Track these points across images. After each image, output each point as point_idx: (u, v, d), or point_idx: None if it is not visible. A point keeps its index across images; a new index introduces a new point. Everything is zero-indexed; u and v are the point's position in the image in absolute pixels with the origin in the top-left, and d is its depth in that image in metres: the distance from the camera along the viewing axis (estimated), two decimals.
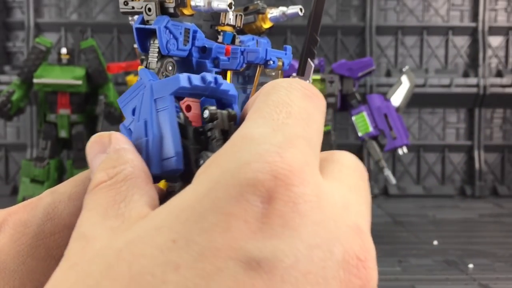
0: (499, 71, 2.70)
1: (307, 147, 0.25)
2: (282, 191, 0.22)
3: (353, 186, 0.27)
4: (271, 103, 0.27)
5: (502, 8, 2.72)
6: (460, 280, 1.33)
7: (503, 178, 2.71)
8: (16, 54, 2.66)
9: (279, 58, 0.55)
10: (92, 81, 1.84)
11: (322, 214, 0.23)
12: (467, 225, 2.00)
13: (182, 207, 0.23)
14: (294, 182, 0.23)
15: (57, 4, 2.66)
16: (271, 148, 0.23)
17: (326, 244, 0.22)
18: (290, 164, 0.23)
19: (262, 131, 0.25)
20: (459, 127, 2.72)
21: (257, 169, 0.22)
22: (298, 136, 0.25)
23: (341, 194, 0.25)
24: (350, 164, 0.28)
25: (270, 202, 0.22)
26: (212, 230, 0.21)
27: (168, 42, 0.51)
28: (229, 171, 0.23)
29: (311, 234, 0.22)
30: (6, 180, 2.59)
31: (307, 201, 0.23)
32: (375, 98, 1.80)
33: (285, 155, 0.23)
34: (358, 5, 2.70)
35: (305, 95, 0.28)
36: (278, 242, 0.21)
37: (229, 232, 0.21)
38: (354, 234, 0.24)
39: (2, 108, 1.76)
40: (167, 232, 0.22)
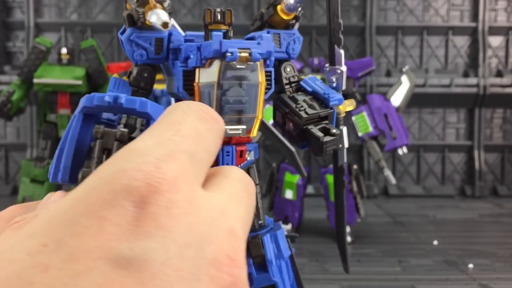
0: (499, 71, 2.70)
1: (187, 161, 0.26)
2: (155, 196, 0.23)
3: (234, 195, 0.28)
4: (164, 121, 0.28)
5: (502, 8, 2.72)
6: (460, 280, 1.33)
7: (503, 178, 2.71)
8: (16, 54, 2.66)
9: (244, 49, 0.53)
10: (92, 81, 1.84)
11: (194, 218, 0.24)
12: (467, 225, 2.00)
13: (56, 213, 0.23)
14: (167, 189, 0.24)
15: (57, 4, 2.66)
16: (149, 159, 0.25)
17: (198, 244, 0.23)
18: (165, 174, 0.24)
19: (145, 144, 0.26)
20: (459, 127, 2.72)
21: (133, 176, 0.23)
22: (180, 151, 0.26)
23: (219, 201, 0.27)
24: (235, 176, 0.30)
25: (143, 206, 0.23)
26: (84, 233, 0.22)
27: (135, 53, 0.54)
28: (105, 178, 0.24)
29: (183, 235, 0.23)
30: (6, 180, 2.59)
31: (179, 206, 0.24)
32: (375, 98, 1.80)
33: (162, 165, 0.24)
34: (358, 5, 2.70)
35: (201, 116, 0.29)
36: (150, 242, 0.22)
37: (101, 235, 0.22)
38: (227, 236, 0.25)
39: (2, 108, 1.76)
40: (38, 237, 0.22)
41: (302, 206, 1.77)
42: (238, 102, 0.54)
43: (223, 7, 2.68)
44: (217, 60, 0.53)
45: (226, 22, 0.56)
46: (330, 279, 1.34)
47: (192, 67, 0.54)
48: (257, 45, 0.54)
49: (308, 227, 1.82)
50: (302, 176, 1.43)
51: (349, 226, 1.70)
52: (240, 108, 0.54)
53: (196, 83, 0.53)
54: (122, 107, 0.41)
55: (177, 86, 0.55)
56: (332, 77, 0.69)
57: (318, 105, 0.62)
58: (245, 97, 0.54)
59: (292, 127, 0.62)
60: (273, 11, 0.62)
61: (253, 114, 0.55)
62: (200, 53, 0.53)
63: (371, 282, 1.32)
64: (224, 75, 0.53)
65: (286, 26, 0.63)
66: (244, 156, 0.59)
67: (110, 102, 0.41)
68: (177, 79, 0.55)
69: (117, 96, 0.41)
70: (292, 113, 0.61)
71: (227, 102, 0.54)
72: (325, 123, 0.61)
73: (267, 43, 0.55)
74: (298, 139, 0.62)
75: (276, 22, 0.62)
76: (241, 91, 0.54)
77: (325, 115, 0.62)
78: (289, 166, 1.75)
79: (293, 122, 0.61)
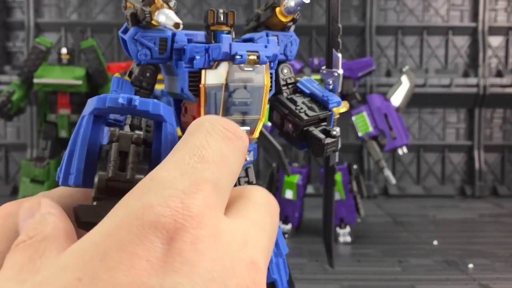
0: (499, 71, 2.71)
1: (212, 191, 0.27)
2: (181, 233, 0.24)
3: (257, 221, 0.29)
4: (188, 146, 0.29)
5: (502, 8, 2.72)
6: (460, 280, 1.33)
7: (503, 178, 2.71)
8: (16, 54, 2.66)
9: (252, 52, 0.54)
10: (92, 81, 1.84)
11: (218, 252, 0.25)
12: (467, 225, 2.00)
13: (87, 246, 0.24)
14: (192, 225, 0.25)
15: (57, 4, 2.66)
16: (175, 193, 0.25)
17: (222, 278, 0.24)
18: (190, 210, 0.25)
19: (170, 174, 0.27)
20: (459, 127, 2.72)
21: (160, 213, 0.24)
22: (204, 181, 0.27)
23: (241, 230, 0.28)
24: (258, 200, 0.31)
25: (171, 243, 0.24)
26: (117, 268, 0.23)
27: (139, 53, 0.54)
28: (133, 213, 0.25)
29: (208, 270, 0.24)
30: (6, 180, 2.59)
31: (204, 242, 0.25)
32: (375, 98, 1.80)
33: (187, 201, 0.25)
34: (358, 5, 2.70)
35: (225, 136, 0.30)
36: (178, 277, 0.23)
37: (132, 270, 0.23)
38: (248, 269, 0.26)
39: (2, 108, 1.76)
40: (72, 271, 0.23)
41: (302, 206, 1.77)
42: (243, 104, 0.55)
43: (223, 7, 2.68)
44: (225, 62, 0.53)
45: (228, 23, 0.56)
46: (330, 279, 1.34)
47: (198, 68, 0.54)
48: (265, 48, 0.55)
49: (308, 227, 1.82)
50: (286, 173, 1.44)
51: (349, 226, 1.70)
52: (245, 110, 0.55)
53: (203, 85, 0.54)
54: (135, 109, 0.40)
55: (181, 87, 0.55)
56: (329, 79, 0.69)
57: (317, 107, 0.62)
58: (249, 99, 0.55)
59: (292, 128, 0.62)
60: (271, 13, 0.62)
61: (257, 115, 0.56)
62: (209, 55, 0.53)
63: (371, 282, 1.32)
64: (231, 77, 0.53)
65: (282, 28, 0.63)
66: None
67: (124, 104, 0.39)
68: (182, 80, 0.55)
69: (131, 98, 0.39)
70: (292, 114, 0.62)
71: (233, 103, 0.54)
72: (324, 124, 0.62)
73: (274, 46, 0.55)
74: (297, 140, 0.62)
75: (273, 24, 0.63)
76: (246, 93, 0.55)
77: (324, 117, 0.62)
78: (289, 166, 1.75)
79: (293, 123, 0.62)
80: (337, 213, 1.69)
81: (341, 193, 1.70)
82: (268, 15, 0.63)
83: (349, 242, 1.68)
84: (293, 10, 0.62)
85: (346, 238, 1.69)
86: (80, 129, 0.40)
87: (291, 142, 0.65)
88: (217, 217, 0.27)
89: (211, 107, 0.54)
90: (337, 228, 1.69)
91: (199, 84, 0.54)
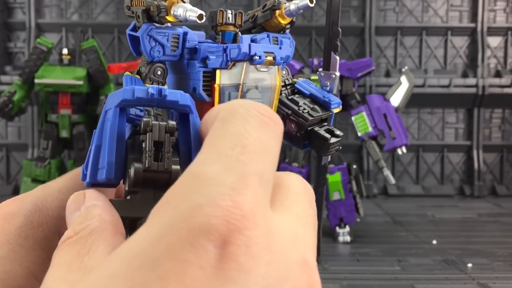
0: (498, 72, 2.71)
1: (259, 185, 0.25)
2: (235, 235, 0.23)
3: (301, 215, 0.28)
4: (226, 135, 0.27)
5: (501, 9, 2.73)
6: (459, 279, 1.34)
7: (502, 178, 2.72)
8: (17, 54, 2.67)
9: (269, 53, 0.54)
10: (93, 82, 1.85)
11: (272, 254, 0.24)
12: (466, 224, 2.01)
13: (135, 252, 0.23)
14: (246, 226, 0.23)
15: (58, 4, 2.66)
16: (223, 191, 0.24)
17: (277, 284, 0.23)
18: (242, 208, 0.23)
19: (214, 169, 0.25)
20: (458, 127, 2.73)
21: (210, 214, 0.23)
22: (250, 175, 0.25)
23: (289, 226, 0.26)
24: (298, 190, 0.29)
25: (224, 247, 0.22)
26: (168, 278, 0.21)
27: (152, 49, 0.52)
28: (181, 214, 0.23)
29: (263, 276, 0.23)
30: (7, 180, 2.59)
31: (258, 243, 0.23)
32: (374, 98, 1.81)
33: (237, 198, 0.24)
34: (358, 6, 2.71)
35: (262, 122, 0.28)
36: (234, 286, 0.22)
37: (185, 279, 0.21)
38: (301, 271, 0.25)
39: (3, 108, 1.77)
40: (122, 280, 0.22)
41: None
42: None
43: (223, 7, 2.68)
44: (243, 62, 0.53)
45: (236, 24, 0.56)
46: (330, 278, 1.35)
47: (211, 68, 0.54)
48: (279, 50, 0.55)
49: None
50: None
51: (349, 226, 1.71)
52: None
53: (217, 84, 0.54)
54: (165, 99, 0.39)
55: (193, 86, 0.55)
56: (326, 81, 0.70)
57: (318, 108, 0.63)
58: (260, 99, 0.55)
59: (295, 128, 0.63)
60: (270, 15, 0.62)
61: None
62: (227, 55, 0.53)
63: (371, 281, 1.33)
64: (247, 77, 0.54)
65: (279, 29, 0.64)
66: None
67: (154, 94, 0.39)
68: (195, 80, 0.54)
69: (160, 88, 0.39)
70: (296, 115, 0.62)
71: None
72: (325, 124, 0.63)
73: (287, 47, 0.56)
74: (300, 139, 0.63)
75: (270, 26, 0.62)
76: (258, 93, 0.55)
77: (326, 117, 0.63)
78: (289, 166, 1.76)
79: (297, 123, 0.63)
80: (337, 213, 1.70)
81: (341, 192, 1.70)
82: (267, 18, 0.63)
83: (349, 242, 1.69)
84: (295, 13, 0.62)
85: (346, 237, 1.70)
86: (105, 122, 0.38)
87: (292, 141, 0.66)
88: (267, 214, 0.25)
89: None
90: (337, 228, 1.70)
91: (213, 84, 0.54)
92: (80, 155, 1.83)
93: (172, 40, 0.53)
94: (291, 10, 0.60)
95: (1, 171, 2.60)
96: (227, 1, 2.66)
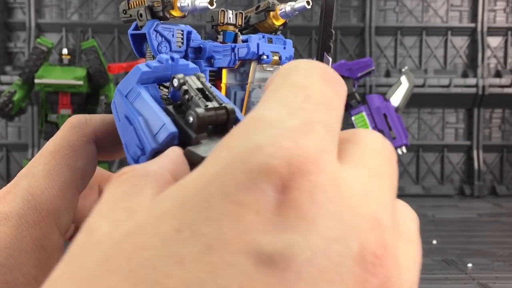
0: (498, 72, 2.72)
1: (325, 133, 0.23)
2: (297, 179, 0.20)
3: (376, 171, 0.24)
4: (289, 85, 0.25)
5: (501, 9, 2.73)
6: (459, 279, 1.34)
7: (501, 177, 2.72)
8: (18, 54, 2.67)
9: (275, 53, 0.55)
10: (93, 82, 1.85)
11: (339, 205, 0.21)
12: (466, 224, 2.01)
13: (187, 192, 0.21)
14: (310, 170, 0.21)
15: (58, 4, 2.67)
16: (285, 132, 0.21)
17: (344, 238, 0.20)
18: (306, 151, 0.21)
19: (277, 113, 0.23)
20: (458, 127, 2.73)
21: (271, 154, 0.21)
22: (315, 121, 0.23)
23: (361, 181, 0.23)
24: (375, 146, 0.26)
25: (284, 191, 0.20)
26: (221, 220, 0.20)
27: (160, 45, 0.52)
28: (239, 154, 0.21)
29: (329, 227, 0.20)
30: (7, 180, 2.60)
31: (324, 191, 0.21)
32: (374, 98, 1.81)
33: (301, 141, 0.21)
34: (358, 6, 2.71)
35: (326, 79, 0.26)
36: (293, 236, 0.20)
37: (239, 224, 0.19)
38: (372, 228, 0.21)
39: (3, 108, 1.77)
40: (171, 220, 0.20)
41: None
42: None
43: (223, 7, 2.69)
44: (250, 62, 0.54)
45: (237, 24, 0.57)
46: None
47: (217, 68, 0.55)
48: (284, 49, 0.56)
49: None
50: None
51: None
52: None
53: (224, 83, 0.55)
54: (178, 63, 0.41)
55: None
56: None
57: None
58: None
59: None
60: (264, 17, 0.63)
61: None
62: (235, 54, 0.54)
63: None
64: (254, 76, 0.55)
65: (271, 31, 0.64)
66: None
67: (168, 59, 0.41)
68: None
69: (172, 55, 0.41)
70: None
71: (252, 103, 0.56)
72: None
73: (290, 47, 0.57)
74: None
75: (263, 27, 0.63)
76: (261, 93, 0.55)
77: None
78: None
79: None
80: None
81: None
82: (261, 19, 0.63)
83: None
84: (290, 15, 0.62)
85: None
86: (136, 98, 0.38)
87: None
88: (336, 164, 0.22)
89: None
90: None
91: (219, 83, 0.54)
92: None
93: (177, 35, 0.53)
94: (286, 12, 0.61)
95: (1, 171, 2.60)
96: (227, 1, 2.67)
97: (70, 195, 0.38)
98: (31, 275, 0.34)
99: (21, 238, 0.34)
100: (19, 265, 0.34)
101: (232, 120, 0.36)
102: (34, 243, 0.34)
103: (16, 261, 0.33)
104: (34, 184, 0.36)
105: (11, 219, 0.34)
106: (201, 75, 0.39)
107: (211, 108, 0.35)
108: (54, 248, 0.31)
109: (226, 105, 0.36)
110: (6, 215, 0.34)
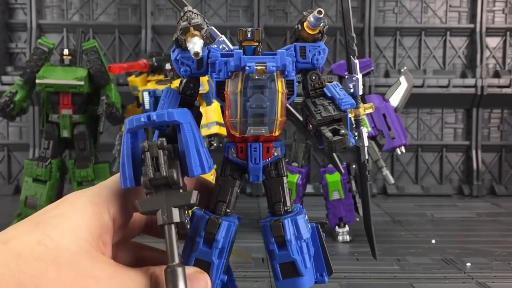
0: (496, 72, 2.73)
1: None
2: None
3: None
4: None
5: (499, 10, 2.74)
6: (458, 279, 1.35)
7: (500, 177, 2.73)
8: (19, 55, 2.68)
9: (260, 63, 0.63)
10: (94, 82, 1.86)
11: None
12: (465, 224, 2.02)
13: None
14: None
15: (59, 5, 2.67)
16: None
17: None
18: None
19: None
20: (457, 127, 2.74)
21: None
22: None
23: None
24: None
25: None
26: None
27: (181, 70, 0.67)
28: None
29: None
30: (8, 180, 2.61)
31: None
32: (373, 98, 1.82)
33: None
34: (357, 6, 2.72)
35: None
36: None
37: None
38: None
39: (4, 109, 1.77)
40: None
41: (301, 205, 1.79)
42: (259, 107, 0.64)
43: (223, 9, 2.70)
44: (239, 72, 0.64)
45: (255, 39, 0.67)
46: (330, 277, 1.36)
47: (223, 78, 0.65)
48: (272, 59, 0.64)
49: None
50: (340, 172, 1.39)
51: (348, 225, 1.72)
52: (262, 112, 0.65)
53: (226, 92, 0.65)
54: (155, 122, 0.56)
55: (213, 93, 0.68)
56: (350, 84, 0.81)
57: (334, 108, 0.69)
58: (266, 102, 0.64)
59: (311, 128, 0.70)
60: (300, 27, 0.70)
61: (273, 117, 0.65)
62: (227, 67, 0.64)
63: (370, 280, 1.34)
64: (246, 84, 0.64)
65: (314, 39, 0.70)
66: (271, 152, 0.69)
67: (145, 121, 0.56)
68: (213, 88, 0.68)
69: (149, 115, 0.56)
70: (310, 115, 0.69)
71: (250, 107, 0.64)
72: (337, 124, 0.68)
73: (282, 57, 0.65)
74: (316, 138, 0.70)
75: (304, 37, 0.71)
76: (263, 98, 0.64)
77: (339, 117, 0.68)
78: (289, 166, 1.77)
79: (311, 123, 0.69)
80: (336, 212, 1.72)
81: (340, 192, 1.72)
82: (299, 29, 0.71)
83: (348, 241, 1.70)
84: (313, 24, 0.70)
85: (345, 237, 1.71)
86: (124, 145, 0.54)
87: (312, 140, 0.73)
88: None
89: (233, 109, 0.65)
90: (336, 227, 1.72)
91: (225, 91, 0.65)
92: (81, 155, 1.84)
93: (197, 62, 0.66)
94: (310, 22, 0.68)
95: (3, 171, 2.61)
96: (227, 1, 2.67)
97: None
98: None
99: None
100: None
101: (176, 182, 0.54)
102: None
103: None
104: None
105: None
106: (162, 143, 0.55)
107: (154, 179, 0.53)
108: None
109: (168, 175, 0.53)
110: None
